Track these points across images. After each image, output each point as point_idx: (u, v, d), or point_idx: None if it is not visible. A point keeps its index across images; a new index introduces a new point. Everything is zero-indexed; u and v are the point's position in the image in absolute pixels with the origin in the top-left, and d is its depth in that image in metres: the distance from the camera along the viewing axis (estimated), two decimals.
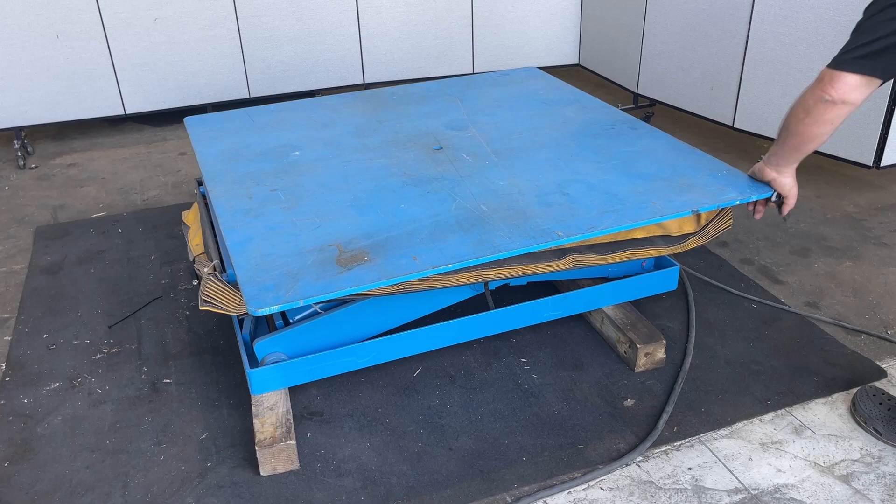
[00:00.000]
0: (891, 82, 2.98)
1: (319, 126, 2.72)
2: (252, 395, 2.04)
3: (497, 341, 2.44)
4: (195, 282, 1.98)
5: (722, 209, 2.27)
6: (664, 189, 2.10)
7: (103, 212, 3.49)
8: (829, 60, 1.80)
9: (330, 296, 1.72)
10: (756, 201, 2.11)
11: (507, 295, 2.67)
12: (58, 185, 3.81)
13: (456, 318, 2.22)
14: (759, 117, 3.58)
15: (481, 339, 2.44)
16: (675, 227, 2.29)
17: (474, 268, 2.07)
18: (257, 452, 1.90)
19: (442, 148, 2.44)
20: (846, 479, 1.90)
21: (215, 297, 1.95)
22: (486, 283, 2.26)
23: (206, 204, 2.51)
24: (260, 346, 2.06)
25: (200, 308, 1.94)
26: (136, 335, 2.53)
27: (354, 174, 2.30)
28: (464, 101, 2.88)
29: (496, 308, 2.26)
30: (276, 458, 1.92)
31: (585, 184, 2.16)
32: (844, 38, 1.77)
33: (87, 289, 2.82)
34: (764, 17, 3.42)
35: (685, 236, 2.31)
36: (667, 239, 2.29)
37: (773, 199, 2.09)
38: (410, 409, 2.16)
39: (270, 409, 2.01)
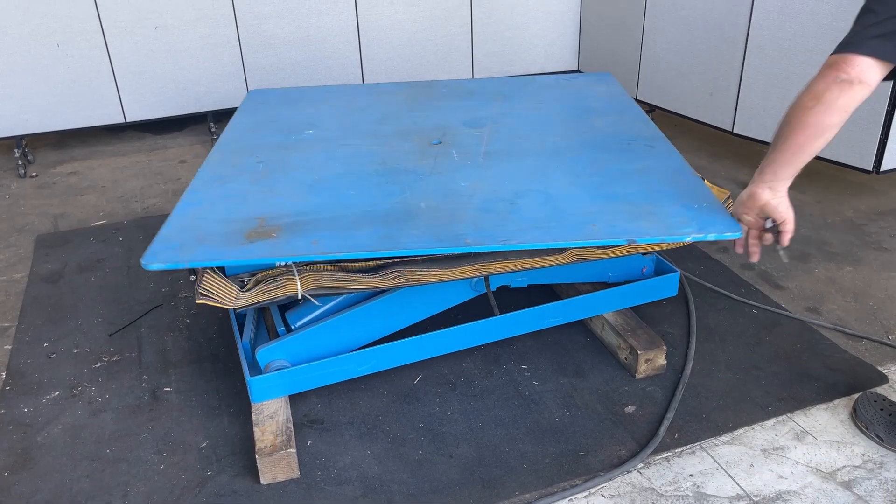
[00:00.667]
0: (889, 86, 2.99)
1: (352, 110, 2.78)
2: (252, 404, 2.04)
3: (497, 348, 2.44)
4: (192, 277, 1.98)
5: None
6: (620, 213, 1.92)
7: (104, 220, 3.49)
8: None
9: (209, 264, 1.83)
10: (749, 237, 1.89)
11: (507, 301, 2.67)
12: (58, 193, 3.82)
13: (456, 324, 2.21)
14: (758, 122, 3.58)
15: (482, 345, 2.44)
16: None
17: (474, 261, 2.07)
18: (257, 461, 1.89)
19: (441, 143, 2.44)
20: (848, 485, 1.89)
21: (212, 291, 1.94)
22: (488, 286, 2.25)
23: None
24: (262, 353, 2.06)
25: (197, 301, 1.93)
26: (136, 343, 2.53)
27: (337, 157, 2.33)
28: (508, 101, 2.82)
29: (497, 311, 2.26)
30: (277, 467, 1.92)
31: (544, 195, 2.03)
32: None
33: (87, 297, 2.82)
34: (762, 24, 3.43)
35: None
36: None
37: (768, 226, 1.85)
38: (411, 416, 2.16)
39: (271, 417, 2.01)
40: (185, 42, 4.15)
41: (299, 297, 2.00)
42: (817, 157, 3.36)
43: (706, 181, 2.34)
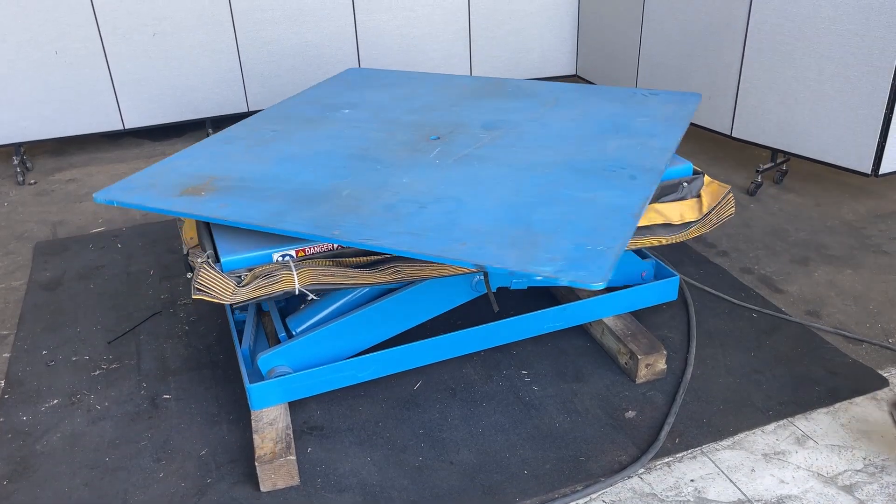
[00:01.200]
0: (888, 90, 2.99)
1: (403, 97, 2.90)
2: (252, 411, 2.03)
3: (497, 353, 2.43)
4: (189, 274, 1.97)
5: (723, 198, 2.32)
6: (506, 237, 1.83)
7: (102, 227, 3.49)
8: (825, 69, 1.59)
9: (132, 206, 2.05)
10: None
11: (507, 307, 2.67)
12: (57, 200, 3.81)
13: (456, 330, 2.21)
14: (756, 126, 3.58)
15: (481, 351, 2.43)
16: (675, 215, 2.27)
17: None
18: (257, 468, 1.89)
19: (438, 139, 2.46)
20: (849, 489, 1.89)
21: (208, 286, 1.92)
22: (487, 283, 2.23)
23: None
24: (264, 360, 2.06)
25: (193, 297, 1.93)
26: (135, 351, 2.52)
27: (335, 137, 2.50)
28: (554, 108, 2.72)
29: (496, 306, 2.24)
30: (277, 474, 1.91)
31: (456, 204, 1.99)
32: (839, 47, 1.76)
33: (86, 304, 2.82)
34: (760, 27, 3.43)
35: (686, 224, 2.29)
36: (668, 227, 2.28)
37: None
38: (411, 422, 2.15)
39: (270, 424, 2.00)
40: (184, 49, 4.15)
41: (296, 292, 1.99)
42: (816, 160, 3.38)
43: (706, 176, 2.34)
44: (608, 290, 2.48)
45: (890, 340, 2.47)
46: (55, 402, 2.30)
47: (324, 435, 2.12)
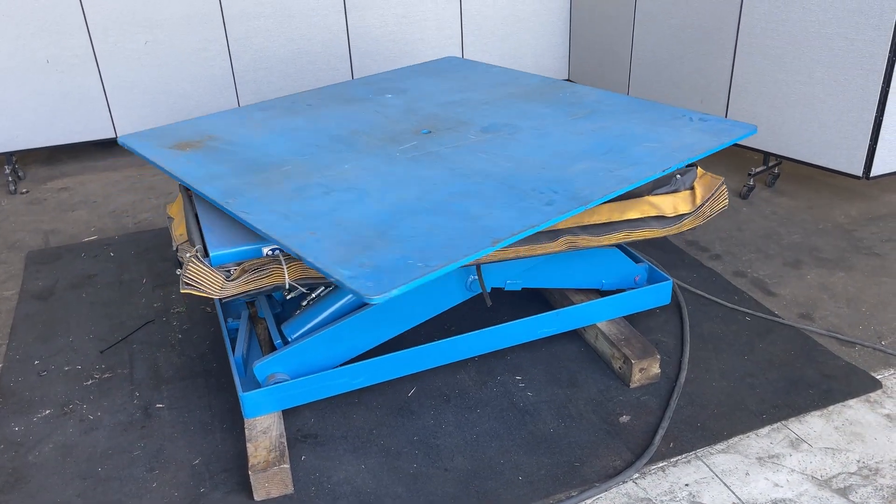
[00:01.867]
0: (878, 92, 3.01)
1: (447, 90, 2.95)
2: (245, 419, 2.03)
3: (491, 359, 2.43)
4: (178, 271, 1.96)
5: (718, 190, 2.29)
6: (362, 238, 1.84)
7: (95, 235, 3.48)
8: (815, 73, 1.58)
9: (133, 151, 2.37)
10: None
11: (501, 312, 2.67)
12: (49, 209, 3.80)
13: (450, 336, 2.21)
14: None
15: (476, 357, 2.43)
16: (669, 207, 2.27)
17: None
18: (251, 477, 1.88)
19: (430, 132, 2.48)
20: (844, 492, 1.89)
21: (197, 280, 1.90)
22: (480, 276, 2.21)
23: (189, 195, 2.52)
24: (260, 367, 2.05)
25: (182, 291, 1.91)
26: (128, 360, 2.51)
27: (343, 118, 2.67)
28: (578, 119, 2.56)
29: (490, 301, 2.24)
30: (270, 483, 1.90)
31: (372, 205, 2.00)
32: (829, 51, 1.76)
33: (78, 314, 2.81)
34: (751, 31, 3.45)
35: (680, 217, 2.28)
36: (661, 220, 2.27)
37: None
38: (405, 429, 2.15)
39: (264, 432, 2.00)
40: (175, 56, 4.15)
41: (286, 286, 1.98)
42: (807, 164, 3.39)
43: (699, 168, 2.33)
44: (602, 294, 2.48)
45: (883, 343, 2.47)
46: (47, 412, 2.28)
47: (318, 443, 2.11)
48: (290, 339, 2.18)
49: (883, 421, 2.13)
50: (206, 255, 1.97)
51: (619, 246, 2.53)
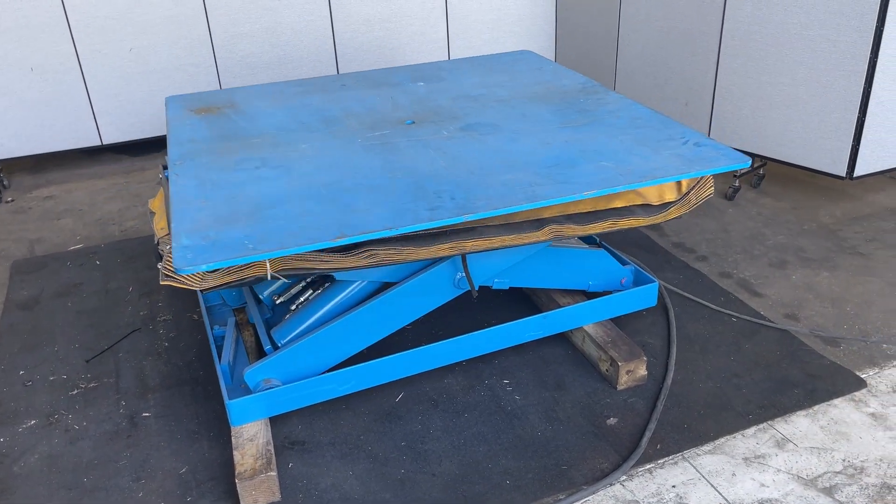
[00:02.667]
0: (860, 93, 3.03)
1: (478, 84, 2.95)
2: (232, 427, 2.02)
3: (479, 363, 2.43)
4: (159, 265, 1.93)
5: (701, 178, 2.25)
6: (226, 215, 1.91)
7: (81, 244, 3.46)
8: (798, 74, 1.50)
9: (168, 113, 2.71)
10: None
11: (488, 316, 2.67)
12: (34, 218, 3.78)
13: (437, 341, 2.21)
14: (732, 132, 3.62)
15: (463, 361, 2.43)
16: (654, 195, 2.25)
17: (449, 239, 2.05)
18: (238, 485, 1.87)
19: (414, 123, 2.52)
20: (829, 491, 1.90)
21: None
22: (465, 263, 2.19)
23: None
24: (251, 374, 2.05)
25: (161, 283, 1.89)
26: (114, 369, 2.50)
27: (357, 102, 2.79)
28: (567, 127, 2.45)
29: (475, 291, 2.24)
30: (258, 490, 1.90)
31: (283, 183, 2.07)
32: (811, 52, 1.77)
33: (64, 323, 2.79)
34: (734, 34, 3.47)
35: (666, 205, 2.27)
36: (647, 208, 2.24)
37: None
38: (393, 435, 2.15)
39: (250, 440, 1.99)
40: (161, 63, 4.14)
41: (269, 277, 1.95)
42: (792, 164, 3.41)
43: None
44: (589, 296, 2.49)
45: (867, 342, 2.49)
46: (33, 422, 2.27)
47: (305, 449, 2.11)
48: (280, 344, 2.17)
49: (868, 420, 2.14)
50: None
51: (605, 248, 2.54)
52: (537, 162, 2.17)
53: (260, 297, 2.42)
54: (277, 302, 2.40)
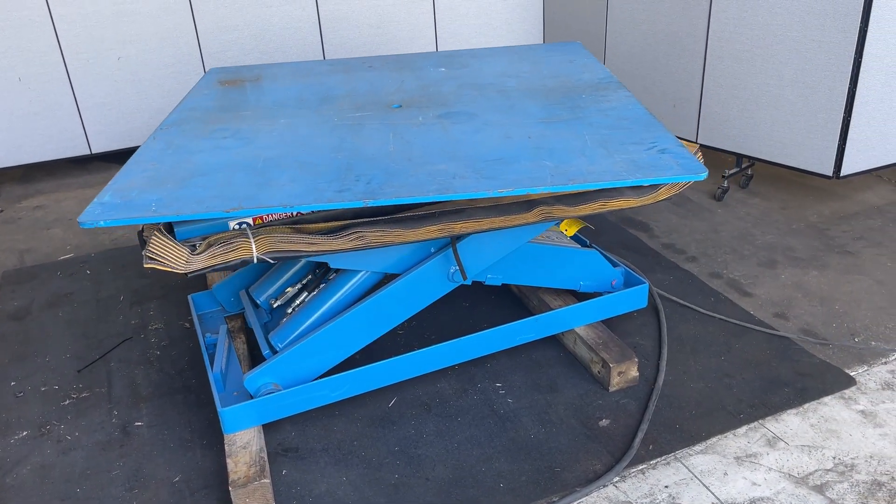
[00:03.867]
0: (846, 93, 3.06)
1: (500, 74, 2.93)
2: (225, 435, 2.02)
3: (472, 367, 2.44)
4: (143, 252, 1.90)
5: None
6: (202, 195, 1.93)
7: (71, 253, 3.45)
8: (784, 75, 1.50)
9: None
10: None
11: (480, 319, 2.68)
12: (24, 228, 3.76)
13: (430, 345, 2.21)
14: (720, 132, 3.64)
15: (456, 365, 2.44)
16: None
17: (438, 220, 2.03)
18: (231, 493, 1.87)
19: (400, 107, 2.53)
20: (820, 489, 1.91)
21: (161, 254, 1.85)
22: (454, 246, 2.18)
23: None
24: (250, 379, 2.05)
25: (145, 265, 1.84)
26: (105, 378, 2.49)
27: (367, 82, 2.84)
28: (549, 123, 2.43)
29: (465, 275, 2.23)
30: (251, 498, 1.89)
31: (248, 164, 2.09)
32: (797, 53, 1.78)
33: (55, 333, 2.78)
34: (720, 36, 3.50)
35: (656, 186, 2.21)
36: (637, 189, 2.20)
37: None
38: (386, 440, 2.15)
39: (244, 447, 1.99)
40: (149, 72, 4.13)
41: (255, 260, 1.91)
42: (780, 164, 3.44)
43: (689, 143, 2.28)
44: (579, 299, 2.50)
45: (855, 339, 2.51)
46: (24, 433, 2.26)
47: (299, 456, 2.11)
48: (278, 348, 2.18)
49: (857, 417, 2.16)
50: (171, 231, 1.92)
51: (596, 249, 2.55)
52: (481, 156, 2.12)
53: (257, 301, 2.43)
54: (275, 306, 2.40)
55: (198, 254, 1.88)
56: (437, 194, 1.88)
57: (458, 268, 2.22)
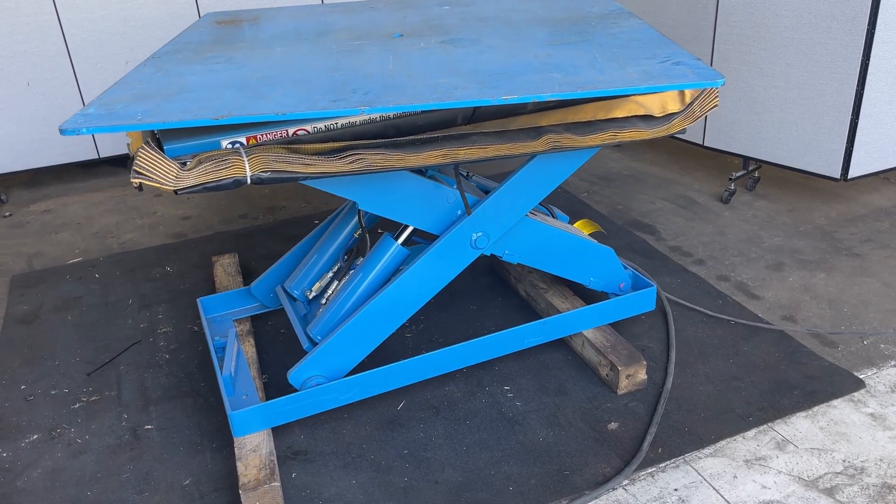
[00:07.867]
0: (853, 95, 3.06)
1: (509, 9, 2.81)
2: (234, 438, 2.02)
3: (480, 370, 2.44)
4: (132, 179, 1.85)
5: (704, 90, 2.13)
6: (190, 106, 1.89)
7: (79, 257, 3.46)
8: (792, 77, 1.56)
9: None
10: None
11: (488, 323, 2.68)
12: (32, 232, 3.78)
13: (438, 348, 2.22)
14: (727, 135, 3.64)
15: (464, 368, 2.44)
16: (656, 106, 2.15)
17: (441, 146, 1.98)
18: (241, 496, 1.87)
19: (402, 36, 2.43)
20: (830, 492, 1.91)
21: (148, 168, 1.78)
22: (458, 176, 2.16)
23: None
24: (295, 374, 2.08)
25: (132, 180, 1.79)
26: (115, 382, 2.50)
27: (376, 12, 2.83)
28: (558, 45, 2.38)
29: (469, 209, 2.22)
30: (262, 501, 1.90)
31: (240, 83, 2.04)
32: (805, 55, 1.78)
33: (64, 337, 2.79)
34: (727, 38, 3.50)
35: (669, 116, 2.16)
36: (649, 120, 2.14)
37: None
38: (395, 443, 2.15)
39: (253, 450, 1.99)
40: None
41: (248, 180, 1.84)
42: (786, 167, 3.43)
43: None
44: (586, 301, 2.50)
45: (865, 342, 2.51)
46: (35, 437, 2.27)
47: (308, 459, 2.11)
48: (317, 341, 2.19)
49: (867, 420, 2.16)
50: (161, 147, 1.86)
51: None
52: (484, 71, 2.02)
53: (293, 294, 2.45)
54: (311, 297, 2.42)
55: (188, 170, 1.81)
56: (437, 101, 1.79)
57: (479, 234, 2.19)
